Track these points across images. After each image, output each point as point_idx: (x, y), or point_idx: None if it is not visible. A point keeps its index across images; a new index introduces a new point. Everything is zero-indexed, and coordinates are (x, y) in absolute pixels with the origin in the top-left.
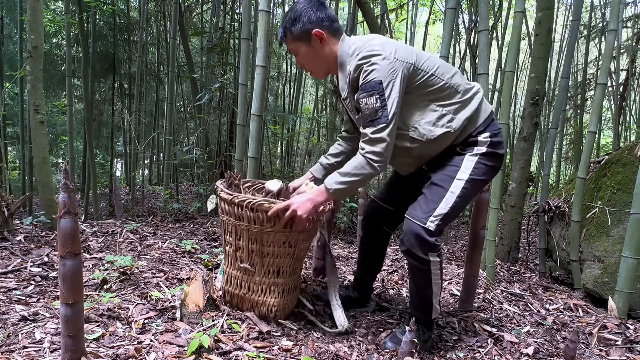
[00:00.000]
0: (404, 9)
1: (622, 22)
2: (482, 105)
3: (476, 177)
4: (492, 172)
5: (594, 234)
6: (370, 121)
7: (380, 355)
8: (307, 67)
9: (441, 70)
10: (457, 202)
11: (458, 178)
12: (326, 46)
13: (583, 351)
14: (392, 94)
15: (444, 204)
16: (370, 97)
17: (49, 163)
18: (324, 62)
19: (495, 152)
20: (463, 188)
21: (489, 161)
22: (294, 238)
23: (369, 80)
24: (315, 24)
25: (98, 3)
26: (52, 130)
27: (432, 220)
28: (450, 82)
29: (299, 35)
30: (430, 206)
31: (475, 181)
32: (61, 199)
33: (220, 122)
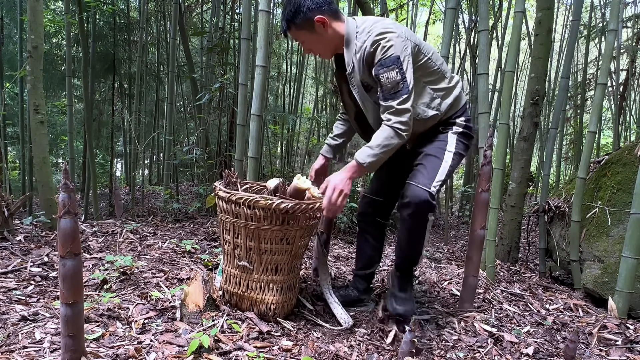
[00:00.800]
0: (404, 9)
1: (622, 22)
2: (462, 94)
3: (459, 150)
4: (466, 149)
5: (594, 234)
6: (393, 93)
7: (380, 355)
8: (314, 51)
9: (435, 56)
10: (449, 170)
11: (448, 150)
12: (329, 29)
13: (583, 351)
14: (409, 68)
15: (441, 172)
16: (390, 71)
17: (49, 163)
18: (330, 43)
19: (469, 132)
20: (452, 159)
21: (464, 139)
22: (291, 235)
23: (388, 56)
24: (316, 10)
25: (98, 3)
26: (52, 130)
27: (435, 186)
28: (441, 68)
29: (302, 25)
30: (432, 174)
31: (459, 154)
32: (61, 199)
33: (220, 122)
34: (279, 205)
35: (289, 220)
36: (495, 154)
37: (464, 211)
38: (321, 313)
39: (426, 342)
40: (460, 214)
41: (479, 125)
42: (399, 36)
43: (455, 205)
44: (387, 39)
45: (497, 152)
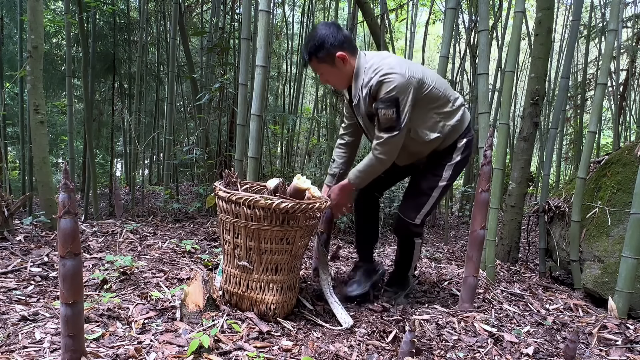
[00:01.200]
0: (404, 9)
1: (622, 22)
2: (465, 116)
3: (450, 181)
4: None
5: (594, 234)
6: (386, 128)
7: (380, 356)
8: (330, 82)
9: (439, 83)
10: (436, 201)
11: (439, 185)
12: (347, 64)
13: (583, 351)
14: (405, 108)
15: (427, 206)
16: (388, 109)
17: (49, 163)
18: (346, 77)
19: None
20: (441, 192)
21: (460, 165)
22: (291, 235)
23: (388, 96)
24: (338, 47)
25: (98, 3)
26: (52, 130)
27: (419, 217)
28: (444, 93)
29: (324, 59)
30: (418, 208)
31: (449, 185)
32: (61, 199)
33: (220, 122)
34: (279, 205)
35: (289, 220)
36: (495, 154)
37: (464, 211)
38: (321, 313)
39: (426, 342)
40: (460, 214)
41: (479, 125)
42: (402, 77)
43: (455, 205)
44: (391, 80)
45: (497, 152)
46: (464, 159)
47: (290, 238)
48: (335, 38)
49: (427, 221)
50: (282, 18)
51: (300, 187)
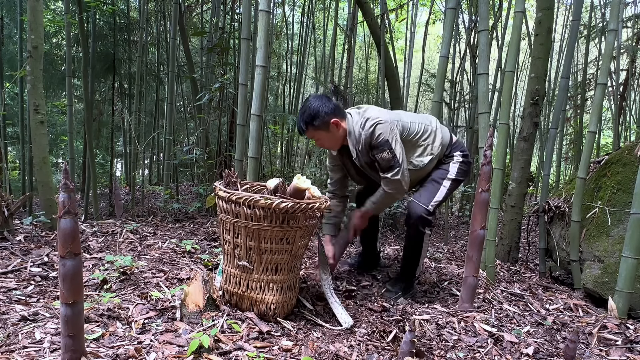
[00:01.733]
0: (404, 9)
1: (622, 22)
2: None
3: (458, 177)
4: (464, 175)
5: (594, 234)
6: (387, 168)
7: (380, 356)
8: (326, 146)
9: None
10: (446, 194)
11: (448, 177)
12: (340, 129)
13: (583, 351)
14: (397, 146)
15: (439, 194)
16: (383, 152)
17: (49, 163)
18: (339, 139)
19: (467, 161)
20: (450, 184)
21: (463, 166)
22: (291, 235)
23: (379, 140)
24: (331, 115)
25: (98, 3)
26: (52, 130)
27: (432, 205)
28: (422, 123)
29: (319, 127)
30: (431, 195)
31: (457, 180)
32: (61, 199)
33: (220, 122)
34: (279, 205)
35: (288, 220)
36: (495, 154)
37: (464, 211)
38: (321, 313)
39: (426, 342)
40: (460, 214)
41: (479, 125)
42: (385, 122)
43: (455, 205)
44: (378, 128)
45: (497, 152)
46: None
47: (290, 238)
48: (328, 107)
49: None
50: (282, 18)
51: (300, 187)
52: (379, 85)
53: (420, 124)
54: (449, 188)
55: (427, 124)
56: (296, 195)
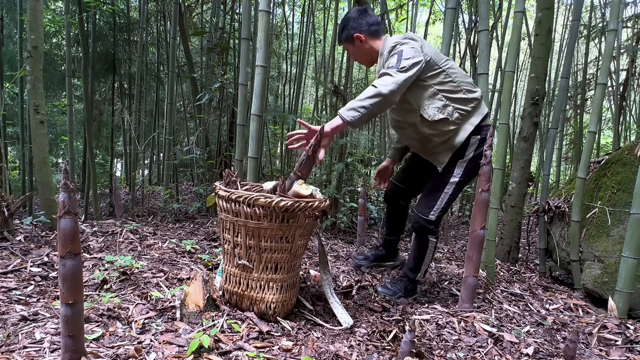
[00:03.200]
0: (404, 9)
1: (622, 22)
2: (479, 109)
3: (462, 178)
4: (472, 173)
5: (594, 234)
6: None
7: (380, 356)
8: (357, 59)
9: (453, 71)
10: (449, 199)
11: (451, 182)
12: (366, 44)
13: (583, 351)
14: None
15: (440, 202)
16: (392, 57)
17: (49, 163)
18: (367, 55)
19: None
20: (454, 189)
21: (473, 163)
22: (290, 233)
23: (396, 51)
24: (356, 29)
25: (98, 3)
26: (52, 130)
27: (433, 214)
28: (456, 81)
29: (346, 39)
30: (431, 204)
31: (461, 182)
32: (61, 199)
33: (220, 122)
34: (279, 204)
35: (288, 219)
36: (495, 154)
37: (464, 211)
38: (321, 313)
39: (426, 342)
40: (460, 214)
41: None
42: (407, 44)
43: (455, 205)
44: (401, 43)
45: (497, 152)
46: (476, 157)
47: (290, 236)
48: (355, 21)
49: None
50: (282, 18)
51: (301, 194)
52: None
53: (453, 82)
54: (451, 193)
55: (461, 86)
56: None
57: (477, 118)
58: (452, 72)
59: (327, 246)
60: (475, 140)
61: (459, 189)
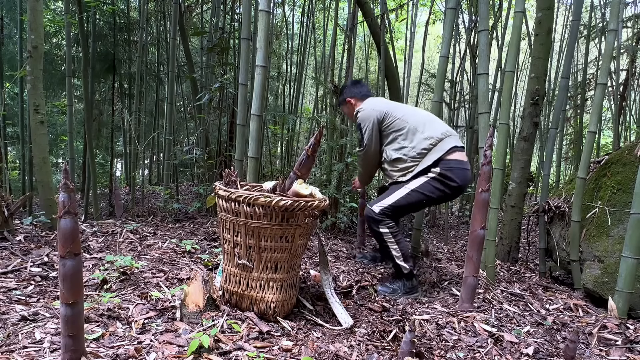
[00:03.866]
0: (404, 9)
1: (622, 22)
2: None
3: (419, 189)
4: (437, 191)
5: (594, 234)
6: (358, 144)
7: (380, 356)
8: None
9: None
10: (400, 199)
11: (407, 186)
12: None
13: (583, 351)
14: (367, 132)
15: (390, 199)
16: (358, 132)
17: (49, 163)
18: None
19: (442, 180)
20: (408, 193)
21: (435, 183)
22: (290, 233)
23: (357, 123)
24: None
25: (98, 3)
26: (52, 130)
27: (379, 206)
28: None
29: (341, 102)
30: (381, 199)
31: (417, 192)
32: (61, 199)
33: (220, 122)
34: (279, 203)
35: (288, 218)
36: (495, 154)
37: (464, 211)
38: (321, 313)
39: (426, 342)
40: (460, 214)
41: (479, 125)
42: (365, 111)
43: (455, 205)
44: (359, 115)
45: (497, 152)
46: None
47: (290, 236)
48: (350, 90)
49: (428, 222)
50: (282, 18)
51: (300, 194)
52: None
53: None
54: (403, 196)
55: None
56: None
57: (434, 155)
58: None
59: (327, 246)
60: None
61: (410, 196)
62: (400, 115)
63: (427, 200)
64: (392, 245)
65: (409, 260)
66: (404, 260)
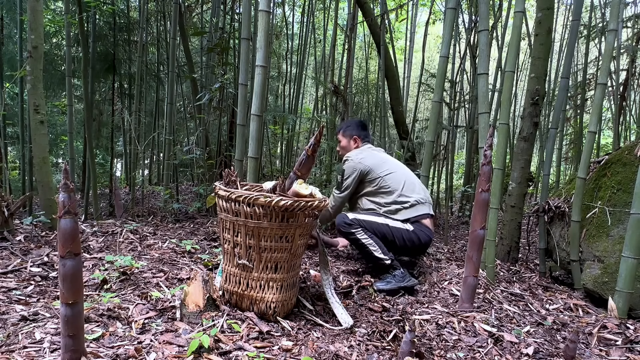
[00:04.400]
0: (404, 9)
1: (622, 22)
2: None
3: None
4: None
5: (594, 234)
6: (336, 187)
7: (380, 356)
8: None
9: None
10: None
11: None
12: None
13: (583, 351)
14: (347, 180)
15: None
16: (340, 176)
17: (49, 163)
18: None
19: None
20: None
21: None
22: (290, 233)
23: (342, 168)
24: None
25: (98, 3)
26: (52, 130)
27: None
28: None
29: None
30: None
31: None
32: (61, 199)
33: (220, 122)
34: (278, 203)
35: (288, 218)
36: (495, 154)
37: (464, 211)
38: (321, 313)
39: (426, 342)
40: (460, 214)
41: (479, 125)
42: (352, 161)
43: (455, 205)
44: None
45: (497, 152)
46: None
47: (290, 236)
48: (358, 127)
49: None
50: (282, 18)
51: (301, 194)
52: (379, 85)
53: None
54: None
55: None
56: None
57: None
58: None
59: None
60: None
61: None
62: (383, 174)
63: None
64: (367, 241)
65: (387, 253)
66: (382, 253)
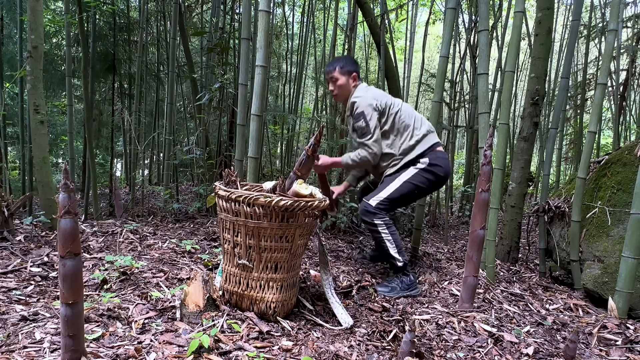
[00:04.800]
0: (404, 9)
1: (622, 22)
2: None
3: (411, 180)
4: (426, 181)
5: (594, 234)
6: (361, 135)
7: (380, 356)
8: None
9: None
10: (395, 191)
11: (400, 178)
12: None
13: (583, 351)
14: (372, 120)
15: (386, 191)
16: (358, 121)
17: (49, 163)
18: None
19: (431, 170)
20: (401, 185)
21: (425, 174)
22: (290, 233)
23: (356, 112)
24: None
25: (98, 3)
26: (52, 130)
27: (375, 200)
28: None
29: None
30: (376, 193)
31: (410, 182)
32: (61, 199)
33: (220, 122)
34: (278, 203)
35: (288, 218)
36: (495, 154)
37: (464, 211)
38: (321, 313)
39: (426, 342)
40: (460, 214)
41: (479, 125)
42: (365, 99)
43: (455, 205)
44: (356, 104)
45: (497, 152)
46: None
47: (290, 236)
48: (354, 63)
49: (427, 222)
50: (282, 18)
51: (301, 194)
52: (379, 85)
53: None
54: (397, 188)
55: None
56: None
57: (421, 148)
58: (401, 114)
59: (327, 246)
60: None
61: (409, 188)
62: (395, 110)
63: (418, 190)
64: (387, 237)
65: (403, 254)
66: (398, 253)
